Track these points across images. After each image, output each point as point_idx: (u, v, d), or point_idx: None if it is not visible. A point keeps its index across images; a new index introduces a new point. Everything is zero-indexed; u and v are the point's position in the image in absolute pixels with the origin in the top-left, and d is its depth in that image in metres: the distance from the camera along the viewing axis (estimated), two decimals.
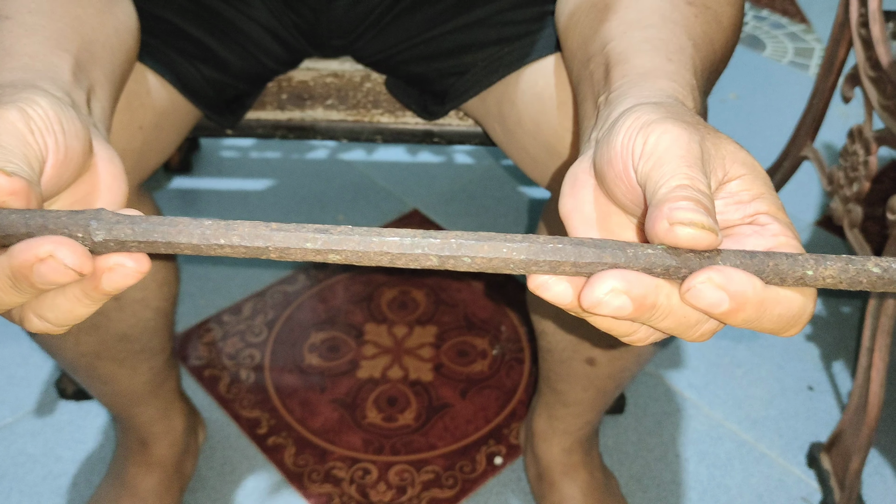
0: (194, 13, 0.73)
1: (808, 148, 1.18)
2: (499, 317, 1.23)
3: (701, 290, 0.30)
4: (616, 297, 0.31)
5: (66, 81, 0.44)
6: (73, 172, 0.38)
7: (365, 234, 0.32)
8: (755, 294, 0.30)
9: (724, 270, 0.30)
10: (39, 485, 1.01)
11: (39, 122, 0.36)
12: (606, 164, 0.36)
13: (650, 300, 0.31)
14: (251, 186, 1.49)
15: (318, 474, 1.01)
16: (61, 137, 0.37)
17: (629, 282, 0.31)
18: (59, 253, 0.30)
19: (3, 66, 0.43)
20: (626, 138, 0.35)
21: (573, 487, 0.94)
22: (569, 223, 0.39)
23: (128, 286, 0.33)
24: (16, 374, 1.14)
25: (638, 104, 0.38)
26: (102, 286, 0.32)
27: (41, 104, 0.37)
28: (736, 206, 0.34)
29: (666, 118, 0.35)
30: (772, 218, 0.33)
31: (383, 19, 0.77)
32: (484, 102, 0.73)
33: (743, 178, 0.34)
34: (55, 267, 0.30)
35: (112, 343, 0.78)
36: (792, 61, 1.95)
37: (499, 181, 1.53)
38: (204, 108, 0.73)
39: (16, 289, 0.31)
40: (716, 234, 0.31)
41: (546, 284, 0.33)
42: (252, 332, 1.20)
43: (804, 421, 1.10)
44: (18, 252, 0.30)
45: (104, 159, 0.40)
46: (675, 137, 0.34)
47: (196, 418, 1.02)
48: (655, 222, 0.31)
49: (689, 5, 0.50)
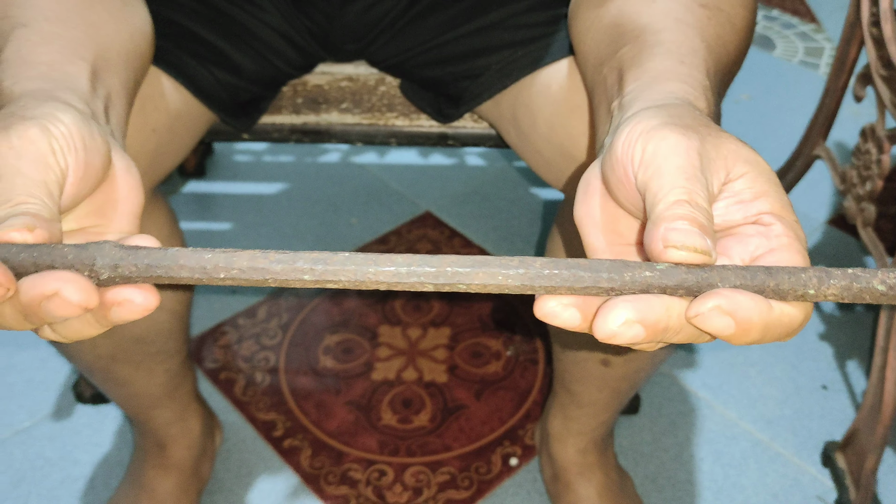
0: (207, 17, 0.73)
1: (820, 147, 1.18)
2: (513, 318, 1.23)
3: (708, 316, 0.31)
4: (630, 327, 0.31)
5: (84, 91, 0.44)
6: (92, 186, 0.38)
7: (361, 264, 0.32)
8: (761, 318, 0.31)
9: (732, 296, 0.30)
10: (57, 488, 1.02)
11: (62, 140, 0.36)
12: (609, 169, 0.36)
13: (662, 324, 0.31)
14: (265, 190, 1.50)
15: (335, 476, 1.02)
16: (82, 155, 0.37)
17: (641, 311, 0.31)
18: (64, 291, 0.31)
19: (22, 74, 0.44)
20: (626, 144, 0.35)
21: (589, 488, 0.95)
22: (582, 228, 0.39)
23: (136, 319, 0.33)
24: (34, 379, 1.15)
25: (643, 108, 0.38)
26: (111, 317, 0.33)
27: (64, 121, 0.37)
28: (739, 205, 0.34)
29: (665, 124, 0.35)
30: (776, 217, 0.33)
31: (396, 24, 0.78)
32: (498, 105, 0.73)
33: (746, 177, 0.34)
34: (61, 303, 0.31)
35: (128, 346, 0.79)
36: (802, 61, 1.95)
37: (512, 183, 1.53)
38: (217, 111, 0.74)
39: (28, 320, 0.32)
40: (709, 255, 0.31)
41: (553, 313, 0.33)
42: (267, 335, 1.20)
43: (819, 420, 1.10)
44: (26, 290, 0.31)
45: (122, 169, 0.41)
46: (674, 144, 0.34)
47: (213, 421, 1.03)
48: (651, 242, 0.32)
49: (703, 7, 0.50)
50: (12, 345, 1.19)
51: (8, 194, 0.34)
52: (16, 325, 0.33)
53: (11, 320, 0.33)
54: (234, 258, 0.32)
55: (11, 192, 0.34)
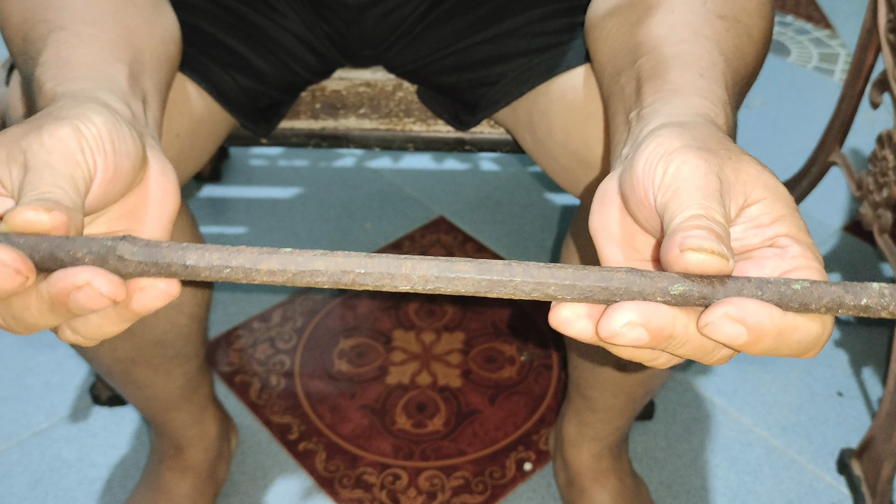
0: (229, 23, 0.74)
1: (836, 153, 1.18)
2: (526, 323, 1.23)
3: (718, 324, 0.31)
4: (633, 329, 0.31)
5: (124, 91, 0.45)
6: (122, 189, 0.39)
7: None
8: (773, 325, 0.31)
9: (740, 303, 0.31)
10: (74, 489, 1.02)
11: (91, 140, 0.37)
12: (629, 189, 0.37)
13: (667, 331, 0.31)
14: (280, 195, 1.50)
15: (349, 480, 1.02)
16: (111, 157, 0.37)
17: (645, 314, 0.31)
18: (95, 282, 0.31)
19: (65, 76, 0.44)
20: (647, 165, 0.35)
21: (603, 493, 0.95)
22: (596, 239, 0.39)
23: (158, 307, 0.34)
24: (51, 381, 1.15)
25: (664, 125, 0.39)
26: (133, 307, 0.34)
27: (95, 122, 0.37)
28: (756, 230, 0.34)
29: (687, 146, 0.35)
30: (792, 240, 0.34)
31: (414, 30, 0.78)
32: (515, 112, 0.74)
33: (763, 202, 0.34)
34: (91, 294, 0.31)
35: (147, 348, 0.79)
36: (817, 67, 1.95)
37: (525, 188, 1.53)
38: (239, 116, 0.74)
39: (53, 312, 0.33)
40: (727, 259, 0.31)
41: (567, 322, 0.33)
42: (282, 338, 1.21)
43: (834, 427, 1.09)
44: (57, 280, 0.31)
45: (157, 172, 0.41)
46: (694, 168, 0.34)
47: (229, 424, 1.03)
48: (668, 250, 0.32)
49: (721, 19, 0.50)
50: (30, 347, 1.20)
51: (35, 184, 0.34)
52: (40, 318, 0.33)
53: (36, 313, 0.33)
54: (264, 256, 0.32)
55: (39, 182, 0.34)
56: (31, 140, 0.36)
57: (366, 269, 0.32)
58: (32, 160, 0.35)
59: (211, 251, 0.32)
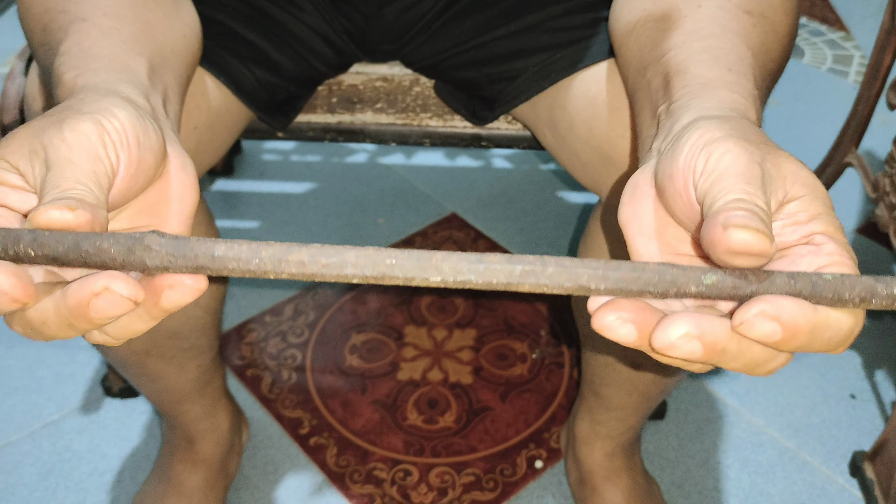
0: (247, 16, 0.74)
1: (852, 154, 1.18)
2: (538, 321, 1.23)
3: (753, 322, 0.30)
4: (688, 341, 0.31)
5: (144, 85, 0.44)
6: (144, 183, 0.38)
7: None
8: (807, 322, 0.31)
9: (775, 301, 0.30)
10: (85, 480, 1.02)
11: (115, 135, 0.36)
12: (668, 179, 0.36)
13: (721, 345, 0.31)
14: (292, 189, 1.50)
15: (360, 475, 1.02)
16: (135, 152, 0.37)
17: (701, 327, 0.31)
18: (113, 285, 0.31)
19: (86, 66, 0.44)
20: (690, 156, 0.35)
21: (615, 492, 0.94)
22: (627, 231, 0.39)
23: (187, 303, 0.33)
24: (62, 372, 1.16)
25: (701, 117, 0.38)
26: (162, 304, 0.33)
27: (118, 116, 0.37)
28: (793, 227, 0.34)
29: (729, 136, 0.35)
30: (828, 238, 0.33)
31: (433, 25, 0.78)
32: (534, 107, 0.73)
33: (802, 199, 0.34)
34: (111, 299, 0.31)
35: (162, 340, 0.79)
36: (831, 68, 1.94)
37: (538, 185, 1.53)
38: (256, 109, 0.74)
39: (73, 326, 0.32)
40: (770, 239, 0.31)
41: (611, 327, 0.32)
42: (294, 332, 1.21)
43: (847, 429, 1.09)
44: (73, 292, 0.31)
45: (177, 167, 0.41)
46: (736, 157, 0.34)
47: (240, 417, 1.03)
48: (710, 228, 0.31)
49: (747, 15, 0.50)
50: None
51: (57, 181, 0.34)
52: (59, 331, 0.33)
53: (55, 328, 0.32)
54: (293, 250, 0.32)
55: (61, 178, 0.34)
56: (53, 135, 0.35)
57: (397, 260, 0.32)
58: (54, 156, 0.35)
59: (239, 244, 0.32)
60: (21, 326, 0.33)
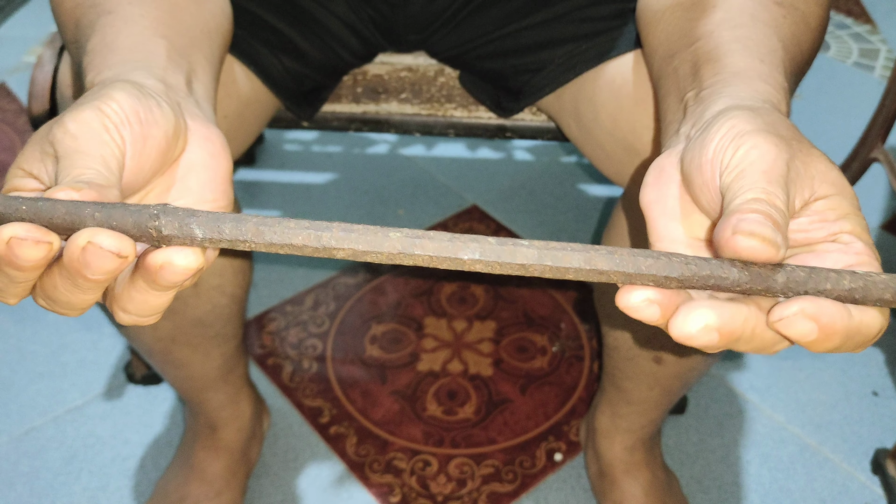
0: (276, 5, 0.74)
1: (878, 150, 1.17)
2: (558, 314, 1.23)
3: (792, 321, 0.30)
4: (708, 332, 0.31)
5: (160, 66, 0.44)
6: (158, 160, 0.39)
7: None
8: (843, 325, 0.31)
9: (816, 301, 0.30)
10: (108, 466, 1.03)
11: (115, 116, 0.37)
12: (696, 169, 0.36)
13: (738, 333, 0.31)
14: (313, 179, 1.51)
15: (379, 465, 1.03)
16: (138, 128, 0.37)
17: (723, 318, 0.31)
18: (96, 238, 0.31)
19: (105, 63, 0.44)
20: (719, 147, 0.35)
21: (635, 486, 0.94)
22: (649, 213, 0.39)
23: (182, 281, 0.33)
24: (86, 359, 1.17)
25: (734, 106, 0.38)
26: (159, 280, 0.32)
27: (115, 98, 0.37)
28: (821, 223, 0.34)
29: (759, 130, 0.35)
30: (856, 237, 0.33)
31: (459, 15, 0.78)
32: (559, 99, 0.73)
33: (830, 198, 0.34)
34: (97, 252, 0.31)
35: (188, 328, 0.80)
36: (856, 62, 1.92)
37: (558, 177, 1.52)
38: (284, 98, 0.74)
39: (76, 285, 0.32)
40: (778, 248, 0.31)
41: (637, 307, 0.32)
42: (314, 322, 1.21)
43: (869, 426, 1.08)
44: (66, 250, 0.31)
45: (201, 137, 0.41)
46: (763, 153, 0.34)
47: (262, 405, 1.04)
48: (721, 230, 0.32)
49: (778, 6, 0.49)
50: (66, 326, 1.21)
51: (68, 170, 0.34)
52: (68, 294, 0.33)
53: (63, 289, 0.33)
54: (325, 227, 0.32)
55: (71, 167, 0.35)
56: (56, 131, 0.36)
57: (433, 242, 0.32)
58: (61, 149, 0.35)
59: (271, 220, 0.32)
60: (42, 299, 0.34)
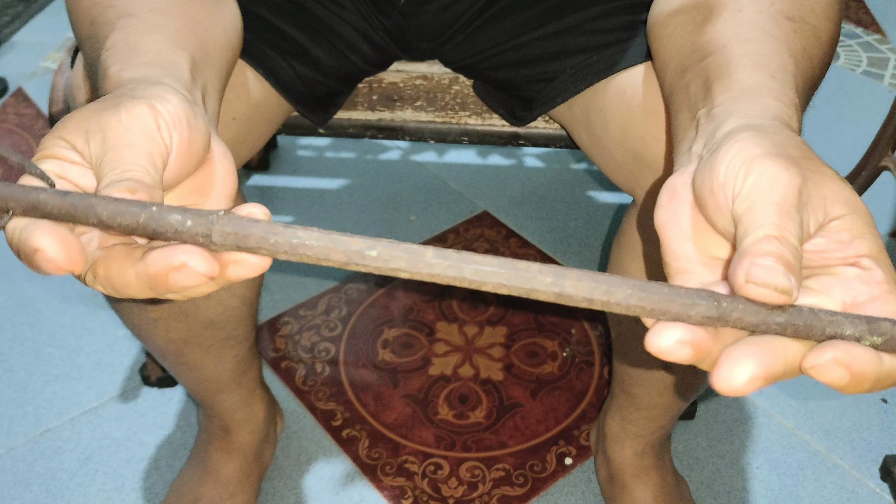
0: (288, 11, 0.75)
1: (888, 158, 1.17)
2: (569, 319, 1.24)
3: (825, 368, 0.31)
4: (754, 383, 0.31)
5: (186, 80, 0.46)
6: (194, 165, 0.40)
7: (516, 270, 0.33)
8: (874, 371, 0.31)
9: (848, 349, 0.31)
10: (123, 467, 1.05)
11: (168, 117, 0.38)
12: (708, 192, 0.36)
13: (774, 379, 0.32)
14: (326, 185, 1.52)
15: (391, 467, 1.04)
16: (186, 133, 0.39)
17: (767, 366, 0.31)
18: (191, 262, 0.33)
19: (132, 61, 0.46)
20: (729, 171, 0.35)
21: (645, 490, 0.95)
22: (663, 233, 0.39)
23: (251, 277, 0.35)
24: (102, 361, 1.18)
25: (744, 126, 0.38)
26: (227, 276, 0.35)
27: (171, 101, 0.39)
28: (837, 245, 0.34)
29: (767, 154, 0.35)
30: (875, 262, 0.34)
31: (472, 25, 0.79)
32: (571, 108, 0.74)
33: (844, 218, 0.34)
34: (188, 274, 0.33)
35: (200, 330, 0.81)
36: (866, 71, 1.93)
37: (569, 185, 1.53)
38: (295, 103, 0.76)
39: (153, 290, 0.34)
40: (789, 295, 0.31)
41: (670, 351, 0.32)
42: (327, 326, 1.22)
43: (878, 433, 1.09)
44: (153, 262, 0.33)
45: (219, 154, 0.43)
46: (773, 179, 0.34)
47: (275, 408, 1.05)
48: (735, 274, 0.32)
49: (789, 20, 0.49)
50: (82, 328, 1.23)
51: (116, 163, 0.36)
52: (139, 292, 0.35)
53: (136, 290, 0.34)
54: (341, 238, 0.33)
55: (119, 160, 0.36)
56: (110, 117, 0.37)
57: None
58: (111, 137, 0.37)
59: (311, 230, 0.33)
60: (103, 286, 0.36)
